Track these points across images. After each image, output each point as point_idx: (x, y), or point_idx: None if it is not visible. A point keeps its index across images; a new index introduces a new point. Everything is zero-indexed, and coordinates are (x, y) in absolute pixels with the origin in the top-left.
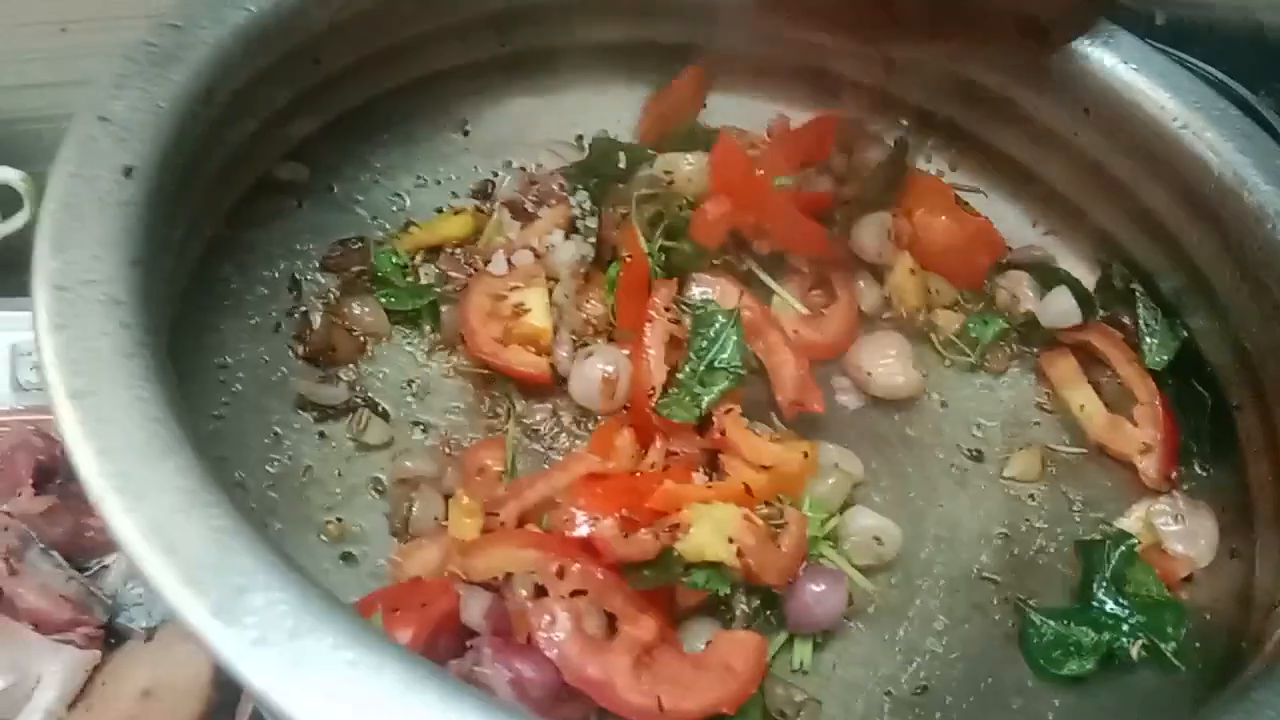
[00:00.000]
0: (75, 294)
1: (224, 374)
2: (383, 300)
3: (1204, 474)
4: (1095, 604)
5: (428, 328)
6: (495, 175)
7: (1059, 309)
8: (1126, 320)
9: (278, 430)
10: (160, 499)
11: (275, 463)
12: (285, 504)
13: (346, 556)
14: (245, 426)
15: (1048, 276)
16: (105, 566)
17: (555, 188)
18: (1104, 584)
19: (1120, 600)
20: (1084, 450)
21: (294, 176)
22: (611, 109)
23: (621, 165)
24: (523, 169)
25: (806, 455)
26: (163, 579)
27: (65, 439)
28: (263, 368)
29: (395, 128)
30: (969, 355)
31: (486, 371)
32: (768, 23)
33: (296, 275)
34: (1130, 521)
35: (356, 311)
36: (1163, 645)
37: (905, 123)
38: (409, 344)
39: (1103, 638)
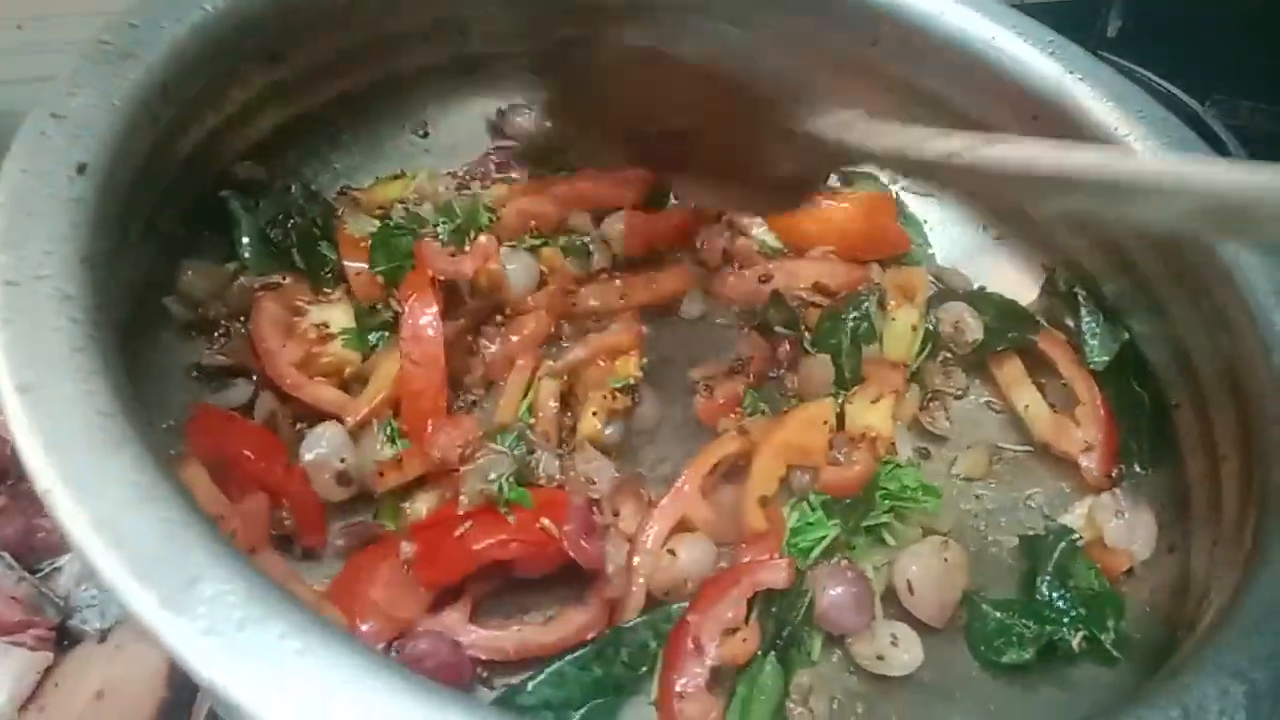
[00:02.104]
0: (25, 289)
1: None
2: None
3: (1143, 472)
4: (1039, 597)
5: None
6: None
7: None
8: (1070, 322)
9: None
10: (110, 492)
11: None
12: None
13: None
14: None
15: (984, 304)
16: (57, 568)
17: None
18: (1047, 578)
19: (1062, 593)
20: (1030, 449)
21: (252, 175)
22: None
23: None
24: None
25: None
26: (112, 571)
27: (13, 433)
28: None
29: (356, 128)
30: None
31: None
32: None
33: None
34: (1073, 517)
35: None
36: (1102, 636)
37: None
38: None
39: (1044, 629)
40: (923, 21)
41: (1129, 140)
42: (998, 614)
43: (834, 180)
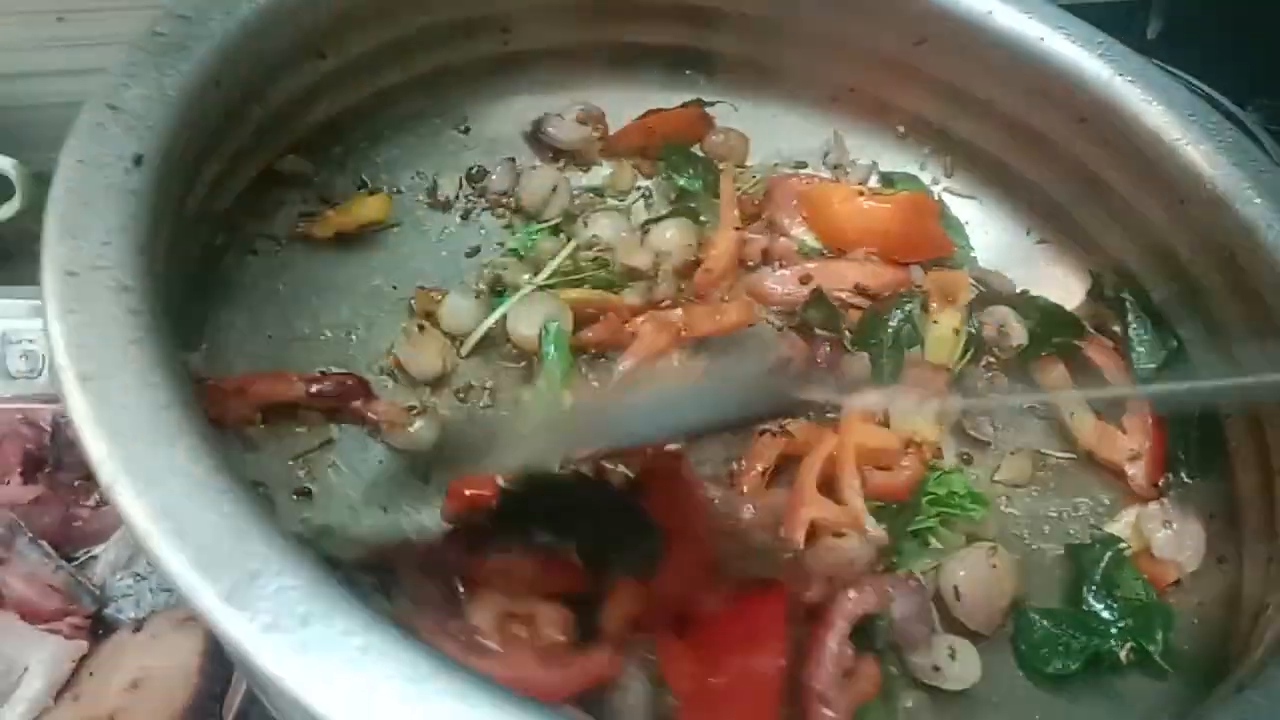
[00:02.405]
0: (84, 279)
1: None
2: None
3: (1191, 481)
4: (1085, 607)
5: None
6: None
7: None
8: (1116, 329)
9: None
10: (171, 484)
11: None
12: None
13: None
14: None
15: (1028, 308)
16: (93, 556)
17: None
18: (1093, 588)
19: (1109, 604)
20: (1074, 456)
21: (297, 169)
22: (613, 110)
23: None
24: (511, 159)
25: None
26: (174, 564)
27: (75, 423)
28: (259, 362)
29: (398, 123)
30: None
31: None
32: None
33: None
34: (1120, 526)
35: None
36: (1150, 648)
37: (901, 129)
38: None
39: (1091, 641)
40: (971, 21)
41: (1180, 144)
42: (1044, 623)
43: (873, 180)
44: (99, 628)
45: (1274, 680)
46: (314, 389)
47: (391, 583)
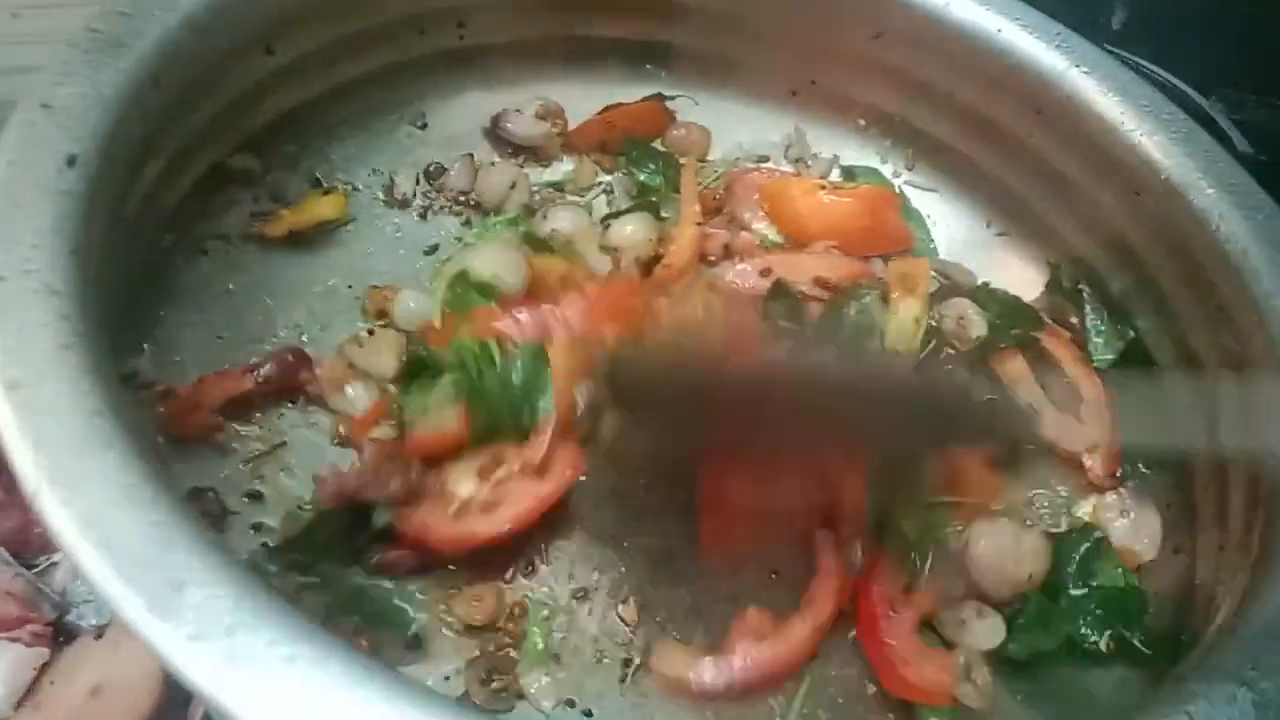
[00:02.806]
0: (13, 284)
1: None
2: None
3: (1148, 471)
4: (1062, 595)
5: None
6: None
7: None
8: (1074, 320)
9: None
10: (97, 492)
11: None
12: None
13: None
14: None
15: (987, 300)
16: (54, 563)
17: None
18: (1071, 575)
19: (1088, 590)
20: (1032, 447)
21: (246, 167)
22: (572, 105)
23: None
24: (469, 155)
25: None
26: (99, 573)
27: (1, 430)
28: (211, 363)
29: (353, 120)
30: None
31: None
32: None
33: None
34: (1078, 517)
35: None
36: (1130, 634)
37: (863, 122)
38: None
39: (1068, 627)
40: (929, 13)
41: (1135, 135)
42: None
43: (835, 174)
44: (60, 635)
45: (1216, 670)
46: (260, 376)
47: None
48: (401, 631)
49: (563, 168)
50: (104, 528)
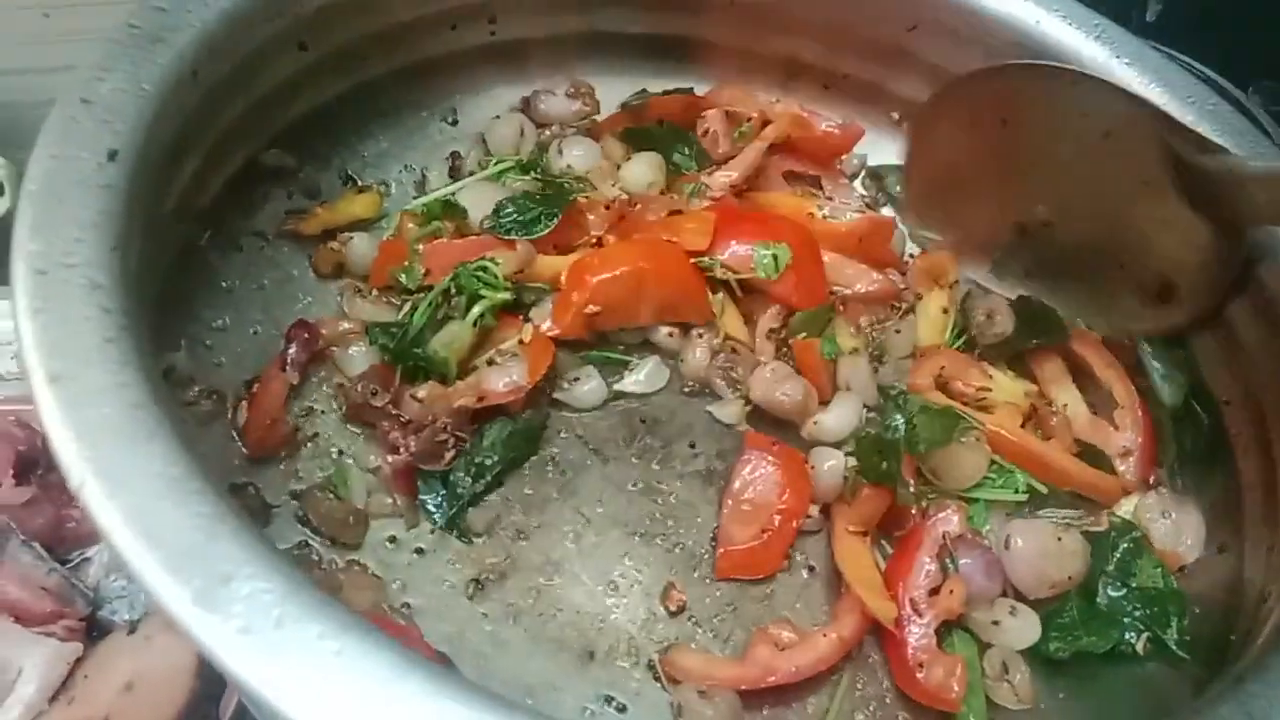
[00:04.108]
0: (55, 277)
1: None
2: None
3: (1192, 470)
4: (1099, 598)
5: None
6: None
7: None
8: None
9: None
10: (142, 485)
11: None
12: None
13: None
14: None
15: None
16: (87, 559)
17: None
18: (1108, 575)
19: (1126, 590)
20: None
21: (280, 163)
22: (601, 99)
23: None
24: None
25: None
26: (144, 567)
27: (44, 423)
28: (246, 359)
29: (384, 116)
30: None
31: None
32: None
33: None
34: (1118, 516)
35: None
36: (1165, 636)
37: (896, 116)
38: None
39: (1108, 630)
40: (966, 5)
41: None
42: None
43: (862, 175)
44: (93, 630)
45: (1272, 670)
46: (291, 361)
47: None
48: None
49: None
50: (149, 521)
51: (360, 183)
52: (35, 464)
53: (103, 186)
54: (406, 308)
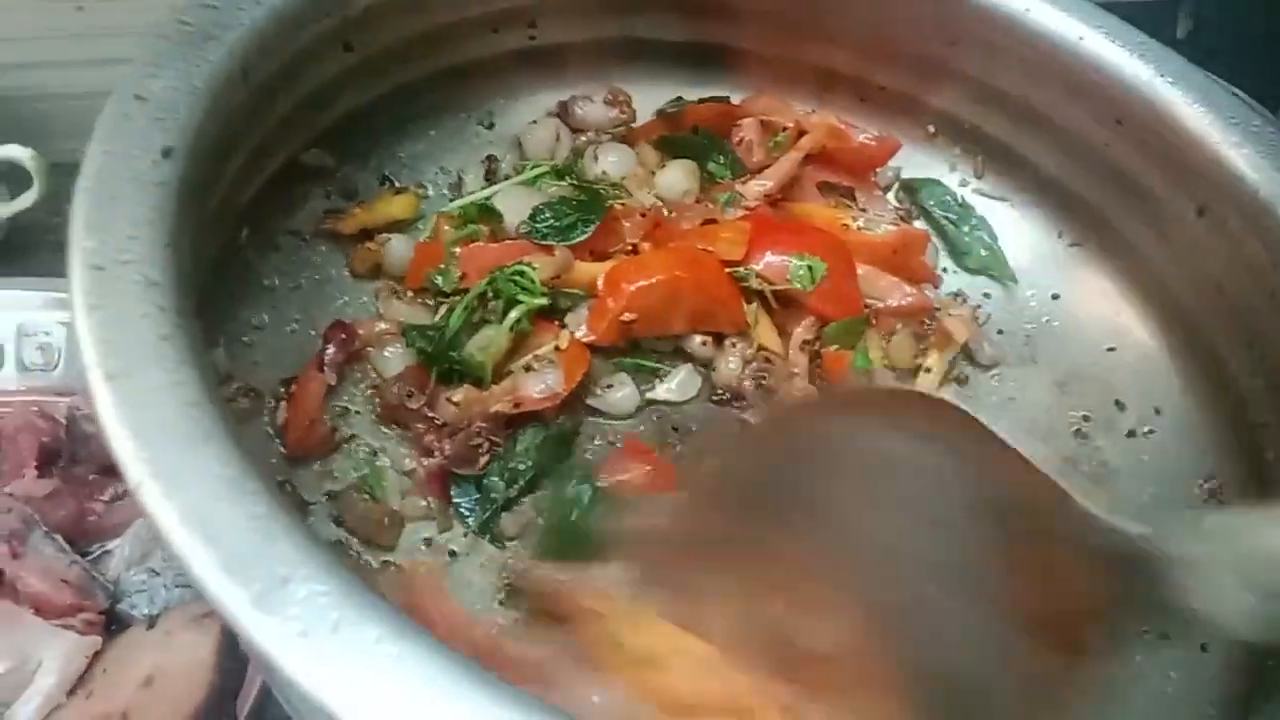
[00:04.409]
0: (111, 274)
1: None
2: None
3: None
4: None
5: None
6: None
7: None
8: None
9: None
10: (199, 486)
11: None
12: None
13: None
14: None
15: None
16: (107, 551)
17: None
18: None
19: None
20: None
21: (320, 163)
22: (637, 106)
23: None
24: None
25: None
26: (203, 568)
27: (101, 422)
28: (283, 358)
29: (422, 118)
30: None
31: None
32: None
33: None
34: None
35: None
36: None
37: (931, 128)
38: None
39: None
40: (1006, 20)
41: (1221, 148)
42: None
43: (895, 188)
44: (113, 623)
45: None
46: (328, 361)
47: None
48: None
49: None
50: (207, 522)
51: (397, 184)
52: (58, 455)
53: (157, 184)
54: (443, 310)
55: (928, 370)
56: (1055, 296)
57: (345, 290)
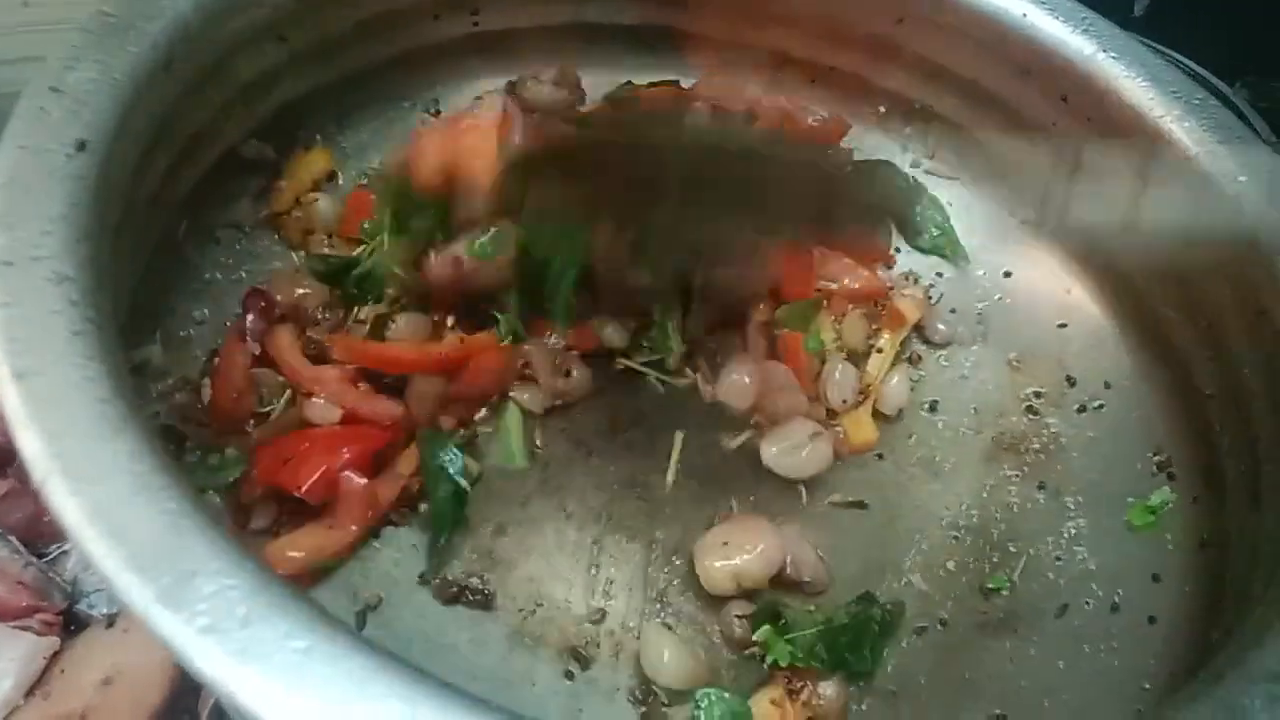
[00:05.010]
0: (22, 270)
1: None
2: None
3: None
4: None
5: None
6: None
7: None
8: None
9: None
10: (108, 481)
11: None
12: None
13: None
14: None
15: None
16: (64, 552)
17: None
18: None
19: None
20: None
21: (259, 154)
22: (591, 91)
23: None
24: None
25: None
26: (109, 563)
27: (10, 419)
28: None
29: (365, 106)
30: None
31: None
32: None
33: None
34: None
35: None
36: None
37: (882, 109)
38: None
39: None
40: None
41: (1164, 122)
42: None
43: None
44: (70, 624)
45: (1250, 666)
46: (250, 330)
47: None
48: None
49: None
50: (114, 517)
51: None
52: (11, 457)
53: (72, 178)
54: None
55: (879, 350)
56: (1007, 274)
57: None
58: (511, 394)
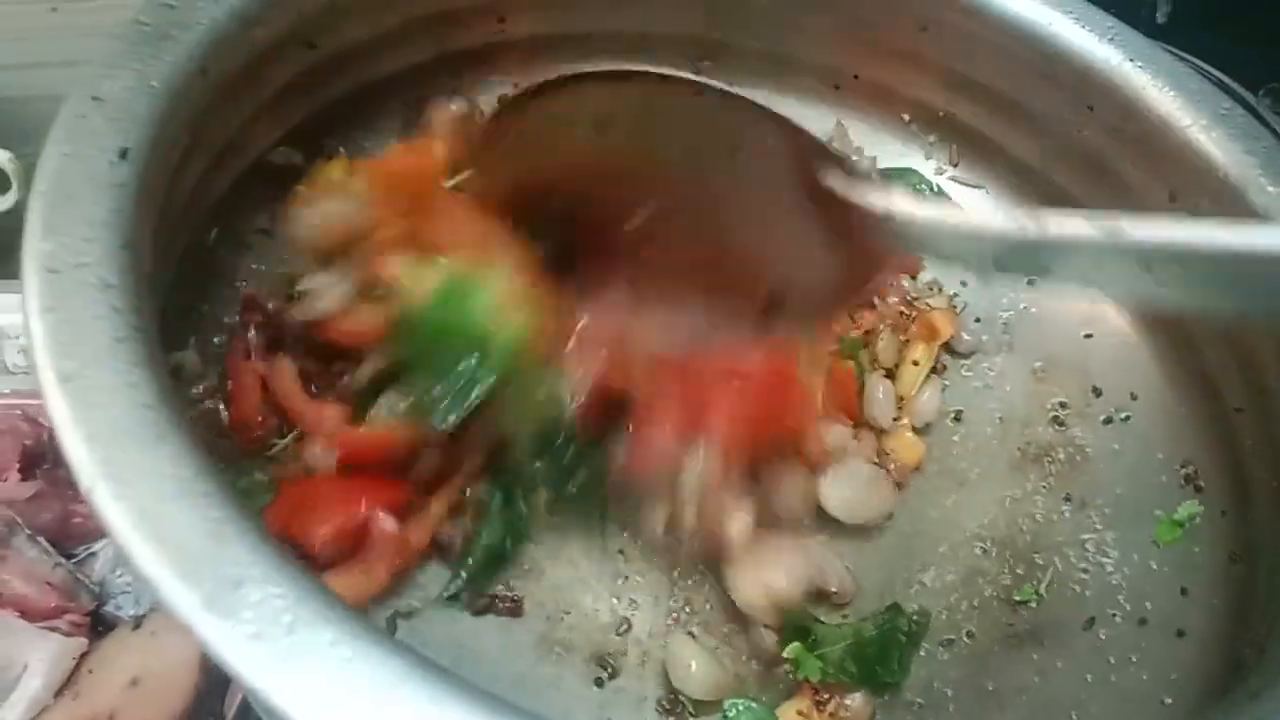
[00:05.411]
0: (66, 277)
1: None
2: None
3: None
4: None
5: None
6: None
7: None
8: None
9: None
10: (152, 487)
11: None
12: None
13: None
14: None
15: None
16: (92, 553)
17: None
18: None
19: None
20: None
21: (289, 161)
22: None
23: None
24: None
25: None
26: (154, 570)
27: (55, 424)
28: None
29: (394, 113)
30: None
31: None
32: None
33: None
34: None
35: None
36: None
37: (906, 117)
38: None
39: None
40: (977, 5)
41: (1190, 130)
42: None
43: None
44: (98, 625)
45: None
46: (251, 348)
47: None
48: None
49: None
50: (159, 523)
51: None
52: (41, 458)
53: (114, 185)
54: None
55: (916, 363)
56: (1031, 283)
57: None
58: None
